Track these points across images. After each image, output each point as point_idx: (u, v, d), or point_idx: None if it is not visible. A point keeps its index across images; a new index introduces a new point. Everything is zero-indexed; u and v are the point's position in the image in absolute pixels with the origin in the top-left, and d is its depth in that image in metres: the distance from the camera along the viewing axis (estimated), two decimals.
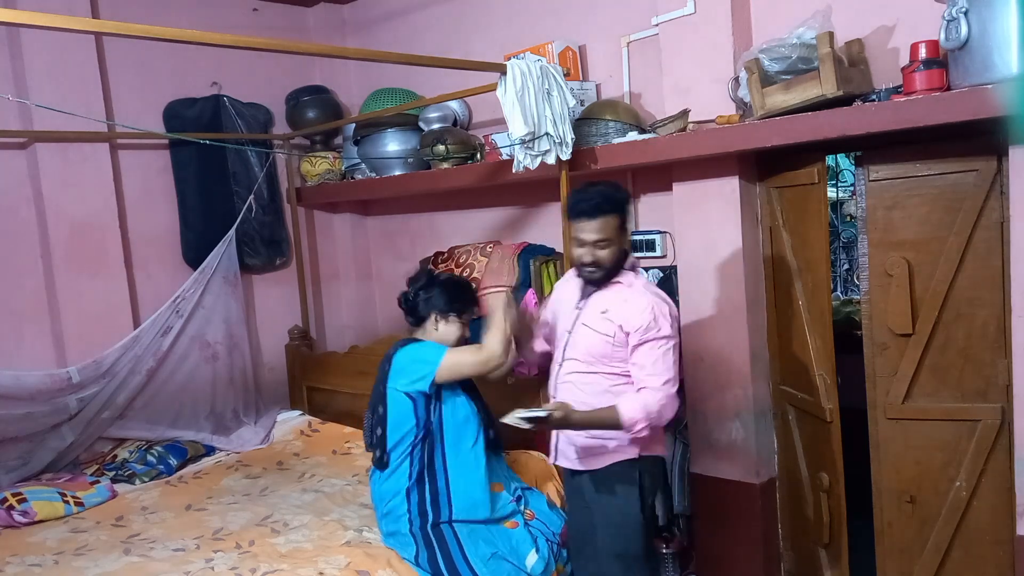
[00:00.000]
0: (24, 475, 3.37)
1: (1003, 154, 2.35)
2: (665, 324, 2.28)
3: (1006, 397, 2.46)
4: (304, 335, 4.35)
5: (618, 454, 2.37)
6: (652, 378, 2.27)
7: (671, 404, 2.28)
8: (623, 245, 2.36)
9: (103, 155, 3.69)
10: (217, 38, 2.31)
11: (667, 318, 2.29)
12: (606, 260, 2.33)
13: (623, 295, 2.34)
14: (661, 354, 2.27)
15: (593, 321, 2.36)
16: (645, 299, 2.30)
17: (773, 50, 2.55)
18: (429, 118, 3.80)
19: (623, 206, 2.35)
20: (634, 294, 2.33)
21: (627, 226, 2.37)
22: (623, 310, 2.30)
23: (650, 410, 2.23)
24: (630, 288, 2.35)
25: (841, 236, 5.34)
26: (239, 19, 4.20)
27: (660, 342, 2.27)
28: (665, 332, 2.28)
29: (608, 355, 2.34)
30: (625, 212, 2.35)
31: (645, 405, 2.23)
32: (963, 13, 2.11)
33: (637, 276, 2.40)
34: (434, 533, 2.51)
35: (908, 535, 2.70)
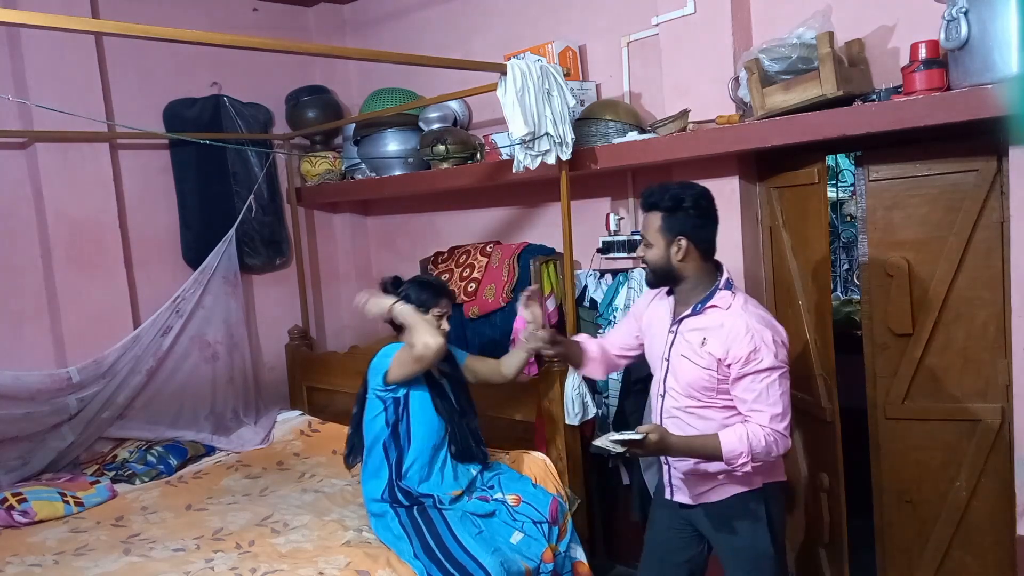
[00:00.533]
0: (24, 475, 3.37)
1: (1003, 154, 2.35)
2: (768, 354, 2.02)
3: (1006, 397, 2.46)
4: (304, 335, 4.35)
5: (738, 484, 2.15)
6: (757, 413, 2.03)
7: (781, 441, 2.03)
8: (670, 253, 2.12)
9: (103, 155, 3.69)
10: (217, 38, 2.31)
11: (770, 346, 2.03)
12: (649, 261, 2.17)
13: (719, 319, 2.08)
14: (765, 387, 2.03)
15: (692, 353, 2.11)
16: (743, 324, 2.04)
17: (773, 50, 2.55)
18: (429, 118, 3.80)
19: (667, 208, 2.10)
20: (730, 318, 2.07)
21: (682, 231, 2.10)
22: (720, 338, 2.06)
23: (754, 445, 1.99)
24: (726, 311, 2.08)
25: (841, 236, 5.34)
26: (239, 19, 4.20)
27: (763, 375, 2.02)
28: (768, 363, 2.02)
29: (713, 388, 2.10)
30: (672, 214, 2.10)
31: (749, 439, 1.99)
32: (963, 13, 2.10)
33: (735, 296, 2.12)
34: (421, 517, 2.56)
35: (908, 535, 2.70)
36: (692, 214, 2.09)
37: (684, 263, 2.13)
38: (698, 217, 2.10)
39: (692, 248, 2.11)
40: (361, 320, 4.59)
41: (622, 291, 3.32)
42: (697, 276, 2.15)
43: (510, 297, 3.47)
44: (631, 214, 3.41)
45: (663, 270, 2.16)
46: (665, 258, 2.13)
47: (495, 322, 3.57)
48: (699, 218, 2.11)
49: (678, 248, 2.11)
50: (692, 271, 2.14)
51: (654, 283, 2.24)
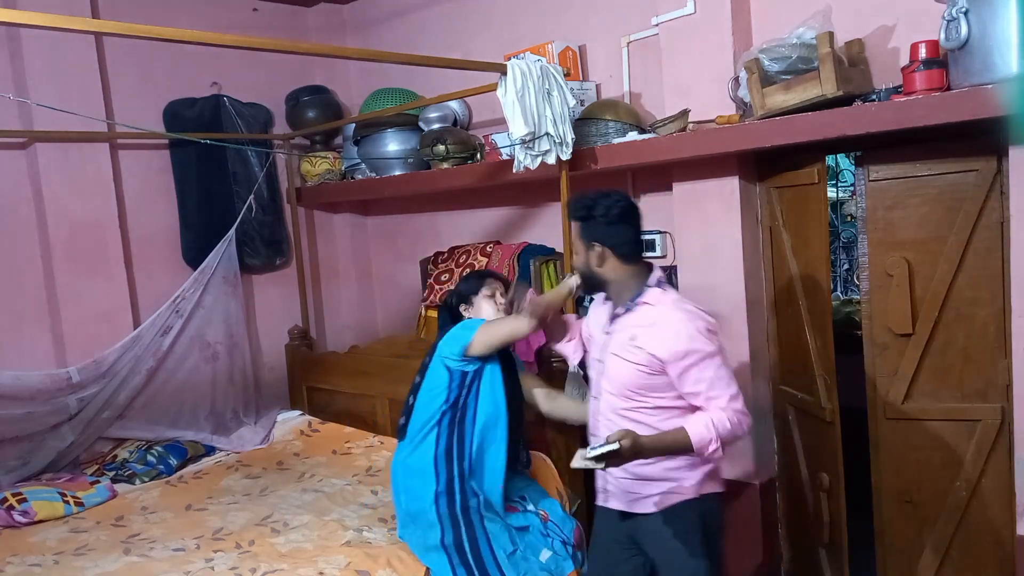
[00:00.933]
0: (24, 475, 3.37)
1: (1003, 154, 2.35)
2: (702, 341, 2.05)
3: (1006, 397, 2.46)
4: (304, 335, 4.35)
5: (674, 496, 2.16)
6: (714, 399, 2.06)
7: (744, 420, 2.06)
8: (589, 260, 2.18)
9: (103, 155, 3.69)
10: (217, 38, 2.31)
11: (704, 334, 2.06)
12: (576, 267, 2.27)
13: (650, 317, 2.12)
14: (713, 373, 2.06)
15: (623, 350, 2.14)
16: (674, 319, 2.08)
17: (773, 50, 2.55)
18: (429, 118, 3.81)
19: (581, 217, 2.17)
20: (662, 314, 2.11)
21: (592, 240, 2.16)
22: (652, 335, 2.08)
23: (720, 429, 2.02)
24: (657, 307, 2.13)
25: (841, 236, 5.34)
26: (239, 19, 4.20)
27: (706, 362, 2.05)
28: (706, 349, 2.05)
29: (647, 386, 2.11)
30: (586, 222, 2.16)
31: (715, 424, 2.02)
32: (963, 13, 2.11)
33: (665, 292, 2.16)
34: (464, 517, 2.49)
35: (908, 535, 2.70)
36: (602, 221, 2.15)
37: (603, 268, 2.18)
38: (608, 224, 2.14)
39: (608, 253, 2.16)
40: (361, 320, 4.62)
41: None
42: (621, 279, 2.19)
43: None
44: None
45: (587, 275, 2.24)
46: (586, 264, 2.21)
47: None
48: (609, 225, 2.14)
49: (595, 254, 2.18)
50: (614, 275, 2.19)
51: (585, 288, 2.32)
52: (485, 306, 2.63)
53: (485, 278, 2.69)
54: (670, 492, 2.16)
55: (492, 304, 2.63)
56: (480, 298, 2.64)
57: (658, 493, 2.17)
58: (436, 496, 2.49)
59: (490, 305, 2.63)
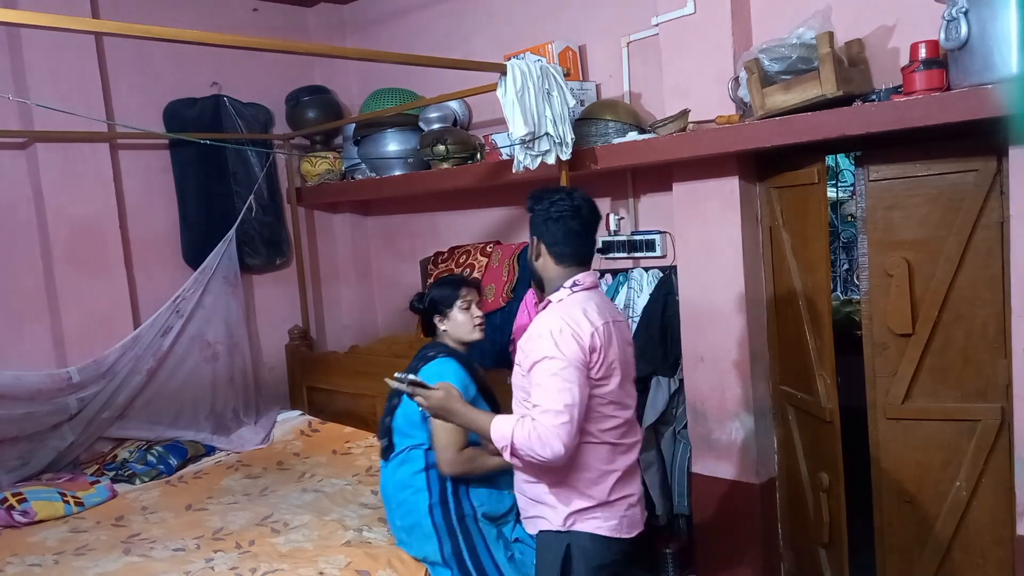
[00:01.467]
0: (24, 475, 3.38)
1: (1003, 154, 2.35)
2: (549, 343, 1.91)
3: (1006, 397, 2.46)
4: (304, 335, 4.35)
5: (543, 521, 2.06)
6: (535, 407, 1.91)
7: (548, 440, 1.85)
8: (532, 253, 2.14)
9: (103, 155, 3.69)
10: (217, 38, 2.31)
11: (555, 336, 1.92)
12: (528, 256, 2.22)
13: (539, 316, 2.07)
14: (544, 379, 1.90)
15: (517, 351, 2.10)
16: (544, 318, 2.00)
17: (773, 50, 2.55)
18: (429, 118, 3.81)
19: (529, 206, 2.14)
20: (545, 314, 2.04)
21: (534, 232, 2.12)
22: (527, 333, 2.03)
23: (518, 436, 1.88)
24: (547, 308, 2.07)
25: (841, 236, 5.34)
26: (239, 19, 4.20)
27: (543, 365, 1.91)
28: (548, 352, 1.91)
29: (522, 387, 2.04)
30: (532, 214, 2.12)
31: (515, 428, 1.89)
32: (963, 13, 2.10)
33: (573, 293, 2.07)
34: (460, 526, 2.46)
35: (908, 535, 2.70)
36: (541, 217, 2.09)
37: (540, 263, 2.13)
38: (545, 221, 2.09)
39: (544, 250, 2.10)
40: (361, 320, 4.62)
41: (622, 291, 3.32)
42: (551, 279, 2.12)
43: (510, 297, 3.48)
44: (631, 214, 3.41)
45: (530, 267, 2.20)
46: (529, 257, 2.18)
47: (495, 322, 3.57)
48: (548, 222, 2.09)
49: (533, 248, 2.14)
50: (546, 272, 2.13)
51: (534, 285, 2.26)
52: (461, 319, 2.58)
53: (461, 287, 2.61)
54: (539, 517, 2.08)
55: (468, 316, 2.58)
56: (456, 310, 2.58)
57: (533, 516, 2.11)
58: (430, 508, 2.47)
59: (466, 317, 2.58)
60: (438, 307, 2.60)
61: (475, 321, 2.59)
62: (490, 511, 2.51)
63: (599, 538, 2.02)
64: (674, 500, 3.23)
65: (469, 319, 2.59)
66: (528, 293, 3.39)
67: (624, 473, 2.06)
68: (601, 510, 2.02)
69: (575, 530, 2.01)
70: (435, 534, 2.44)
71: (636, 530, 2.09)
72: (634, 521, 2.09)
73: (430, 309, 2.61)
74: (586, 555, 2.01)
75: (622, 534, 2.05)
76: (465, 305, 2.59)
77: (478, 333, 2.60)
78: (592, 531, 2.01)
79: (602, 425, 2.00)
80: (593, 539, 2.01)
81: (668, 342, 3.18)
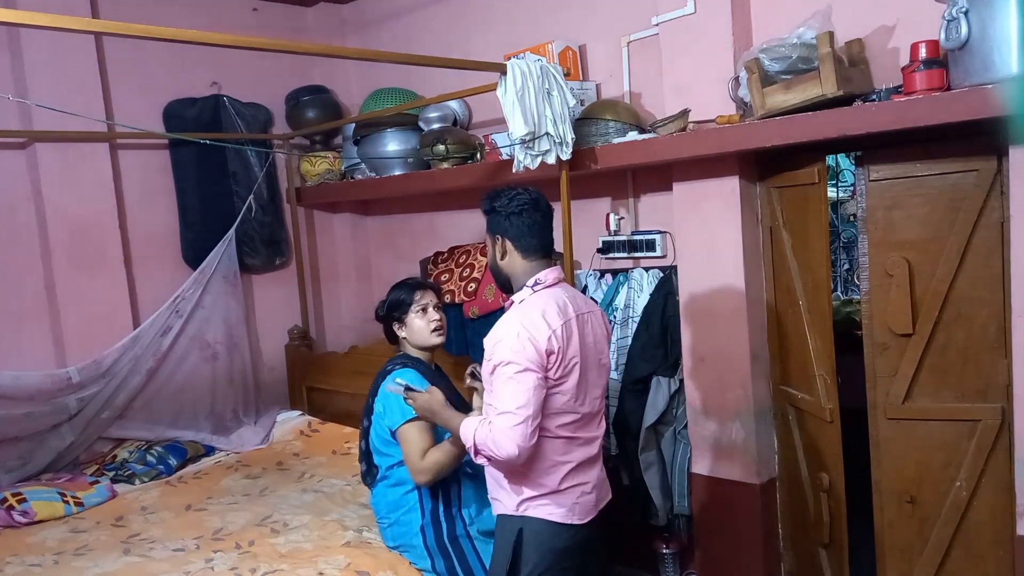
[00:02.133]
0: (24, 475, 3.38)
1: (1003, 154, 2.35)
2: (508, 347, 1.96)
3: (1006, 397, 2.45)
4: (304, 335, 4.35)
5: (500, 504, 2.14)
6: (491, 409, 2.00)
7: (500, 440, 1.92)
8: (494, 253, 2.17)
9: (103, 155, 3.69)
10: (217, 38, 2.31)
11: (512, 340, 1.97)
12: (489, 264, 2.24)
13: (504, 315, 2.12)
14: (501, 383, 1.97)
15: None
16: (507, 320, 2.05)
17: (773, 50, 2.55)
18: (429, 118, 3.80)
19: (486, 210, 2.17)
20: (507, 314, 2.09)
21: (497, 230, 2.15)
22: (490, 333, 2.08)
23: (479, 437, 1.98)
24: (511, 307, 2.13)
25: (841, 236, 5.34)
26: (239, 19, 4.20)
27: (501, 368, 1.97)
28: (505, 357, 1.96)
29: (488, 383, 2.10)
30: (489, 214, 2.16)
31: (476, 432, 1.99)
32: (963, 13, 2.10)
33: (534, 293, 2.10)
34: (452, 546, 2.44)
35: (908, 535, 2.70)
36: (502, 214, 2.13)
37: (506, 262, 2.15)
38: (508, 216, 2.12)
39: (510, 246, 2.13)
40: (361, 320, 4.61)
41: (622, 291, 3.32)
42: (519, 275, 2.15)
43: None
44: (631, 214, 3.41)
45: (494, 270, 2.21)
46: (493, 258, 2.19)
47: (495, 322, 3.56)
48: (510, 216, 2.12)
49: (498, 247, 2.15)
50: (515, 270, 2.15)
51: (500, 287, 2.25)
52: (417, 323, 2.54)
53: (415, 291, 2.57)
54: (497, 500, 2.15)
55: (424, 320, 2.54)
56: (412, 316, 2.54)
57: (493, 498, 2.18)
58: (422, 528, 2.47)
59: (422, 321, 2.54)
60: (393, 315, 2.56)
61: (432, 325, 2.54)
62: (484, 527, 2.50)
63: (550, 523, 2.07)
64: (674, 500, 3.23)
65: (426, 324, 2.54)
66: None
67: (580, 464, 2.11)
68: (551, 497, 2.07)
69: (527, 515, 2.07)
70: (427, 554, 2.44)
71: (589, 516, 2.14)
72: (587, 508, 2.12)
73: (387, 317, 2.58)
74: (537, 538, 2.07)
75: (573, 520, 2.10)
76: (420, 309, 2.54)
77: (437, 337, 2.55)
78: (544, 516, 2.07)
79: (558, 421, 2.05)
80: (544, 524, 2.07)
81: (668, 342, 3.18)
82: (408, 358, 2.57)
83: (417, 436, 2.42)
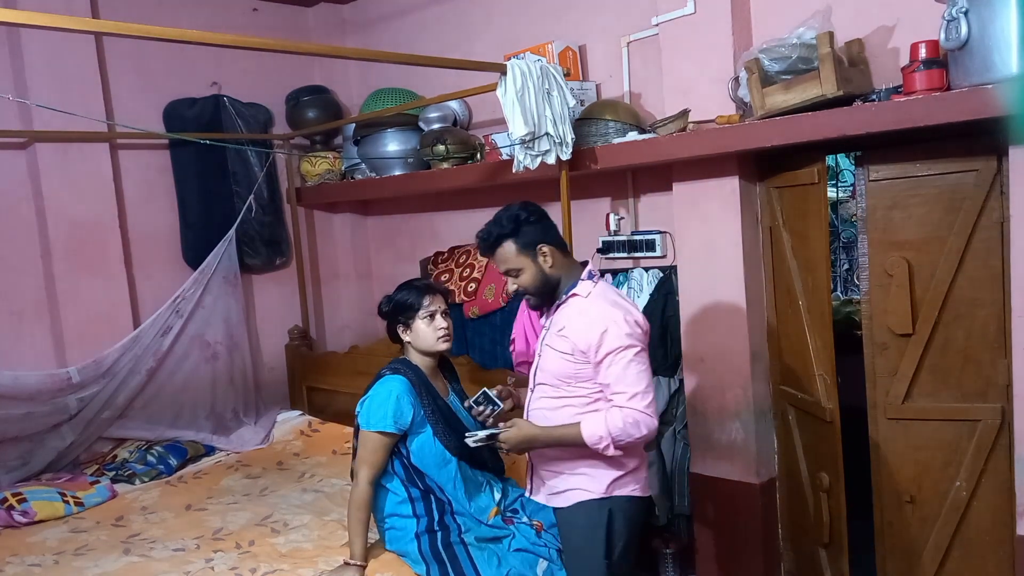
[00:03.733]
0: (24, 475, 3.38)
1: (1003, 154, 2.35)
2: (619, 333, 2.09)
3: (1006, 397, 2.46)
4: (304, 335, 4.35)
5: (582, 492, 2.21)
6: (617, 395, 2.10)
7: (643, 420, 2.08)
8: (540, 265, 2.20)
9: (103, 155, 3.69)
10: (217, 38, 2.31)
11: (621, 325, 2.09)
12: (527, 286, 2.22)
13: (578, 307, 2.19)
14: (622, 367, 2.08)
15: (554, 340, 2.22)
16: (596, 309, 2.14)
17: (773, 50, 2.55)
18: (429, 118, 3.80)
19: (511, 232, 2.18)
20: (588, 305, 2.18)
21: (535, 244, 2.19)
22: (576, 325, 2.16)
23: (613, 428, 2.07)
24: (585, 299, 2.20)
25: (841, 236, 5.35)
26: (239, 19, 4.20)
27: (619, 353, 2.09)
28: (621, 343, 2.08)
29: (574, 375, 2.18)
30: (520, 234, 2.18)
31: (608, 422, 2.08)
32: (963, 13, 2.10)
33: (596, 283, 2.23)
34: (447, 553, 2.42)
35: (908, 535, 2.70)
36: (534, 221, 2.21)
37: (554, 267, 2.22)
38: (539, 222, 2.22)
39: (553, 250, 2.22)
40: (361, 320, 4.62)
41: (622, 291, 3.32)
42: (565, 273, 2.25)
43: (510, 297, 3.47)
44: (631, 214, 3.41)
45: (542, 284, 2.23)
46: (540, 272, 2.22)
47: (495, 322, 3.58)
48: (540, 222, 2.23)
49: (544, 256, 2.20)
50: (562, 270, 2.24)
51: (539, 302, 2.29)
52: (424, 330, 2.48)
53: (424, 295, 2.49)
54: (578, 488, 2.22)
55: (431, 327, 2.48)
56: (418, 321, 2.48)
57: (569, 489, 2.24)
58: (417, 536, 2.45)
59: (429, 328, 2.48)
60: (399, 317, 2.52)
61: (439, 333, 2.49)
62: (481, 535, 2.49)
63: (633, 499, 2.24)
64: (674, 500, 3.23)
65: (432, 331, 2.49)
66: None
67: None
68: (632, 475, 2.23)
69: (615, 495, 2.20)
70: (423, 561, 2.42)
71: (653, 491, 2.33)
72: (651, 482, 2.33)
73: (392, 318, 2.54)
74: (626, 515, 2.22)
75: (648, 493, 2.29)
76: (428, 315, 2.48)
77: (442, 344, 2.50)
78: (628, 494, 2.22)
79: None
80: (630, 500, 2.23)
81: (668, 342, 3.18)
82: (403, 364, 2.53)
83: (372, 448, 2.43)
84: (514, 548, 2.49)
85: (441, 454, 2.49)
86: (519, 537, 2.52)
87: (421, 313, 2.48)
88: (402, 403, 2.43)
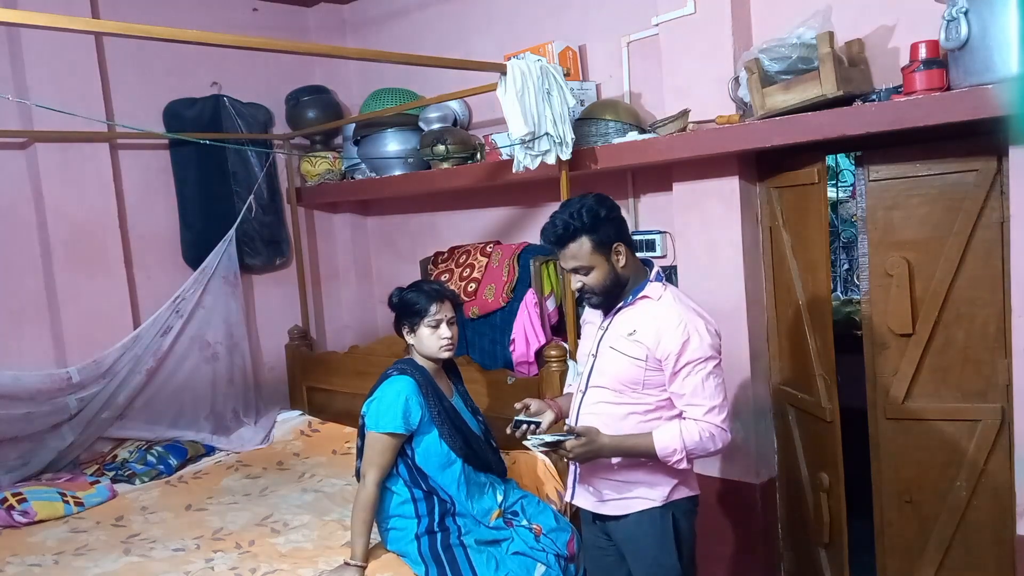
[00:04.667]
0: (24, 475, 3.37)
1: (1003, 154, 2.35)
2: (702, 344, 2.01)
3: (1006, 397, 2.46)
4: (304, 335, 4.35)
5: (643, 501, 2.14)
6: (693, 408, 2.03)
7: (719, 435, 2.03)
8: (614, 265, 2.09)
9: (103, 155, 3.69)
10: (217, 38, 2.31)
11: (703, 335, 2.02)
12: (594, 285, 2.10)
13: (652, 311, 2.08)
14: (700, 380, 2.02)
15: (621, 343, 2.09)
16: (676, 316, 2.04)
17: (773, 50, 2.55)
18: (429, 118, 3.80)
19: (589, 227, 2.04)
20: (663, 310, 2.06)
21: (612, 242, 2.07)
22: (652, 330, 2.04)
23: (688, 441, 2.01)
24: (658, 303, 2.08)
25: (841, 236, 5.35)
26: (239, 19, 4.20)
27: (699, 365, 2.01)
28: (703, 353, 2.01)
29: (640, 381, 2.07)
30: (598, 230, 2.05)
31: (683, 435, 2.01)
32: (963, 13, 2.10)
33: (666, 287, 2.13)
34: (446, 555, 2.43)
35: (908, 535, 2.70)
36: (612, 218, 2.09)
37: (626, 267, 2.12)
38: (617, 219, 2.11)
39: (628, 250, 2.12)
40: (361, 320, 4.62)
41: None
42: (635, 274, 2.15)
43: (510, 297, 3.47)
44: (631, 214, 3.41)
45: (611, 285, 2.11)
46: (611, 272, 2.09)
47: (495, 322, 3.57)
48: (618, 219, 2.11)
49: (618, 256, 2.09)
50: (632, 269, 2.14)
51: (603, 303, 2.16)
52: (428, 336, 2.48)
53: (432, 302, 2.47)
54: (640, 497, 2.14)
55: (435, 335, 2.47)
56: (424, 327, 2.47)
57: (628, 497, 2.15)
58: (417, 537, 2.46)
59: (433, 336, 2.47)
60: (404, 320, 2.52)
61: (442, 343, 2.49)
62: (480, 537, 2.50)
63: (690, 498, 2.21)
64: None
65: (436, 339, 2.49)
66: (528, 293, 3.39)
67: None
68: (687, 477, 2.20)
69: (674, 499, 2.16)
70: (422, 562, 2.43)
71: None
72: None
73: (398, 318, 2.54)
74: (687, 516, 2.21)
75: (698, 491, 2.26)
76: (433, 323, 2.48)
77: (445, 352, 2.51)
78: (684, 496, 2.19)
79: None
80: (687, 501, 2.20)
81: None
82: (409, 364, 2.55)
83: (380, 450, 2.43)
84: (512, 551, 2.49)
85: (446, 455, 2.50)
86: (517, 540, 2.52)
87: (427, 320, 2.48)
88: (411, 404, 2.44)
